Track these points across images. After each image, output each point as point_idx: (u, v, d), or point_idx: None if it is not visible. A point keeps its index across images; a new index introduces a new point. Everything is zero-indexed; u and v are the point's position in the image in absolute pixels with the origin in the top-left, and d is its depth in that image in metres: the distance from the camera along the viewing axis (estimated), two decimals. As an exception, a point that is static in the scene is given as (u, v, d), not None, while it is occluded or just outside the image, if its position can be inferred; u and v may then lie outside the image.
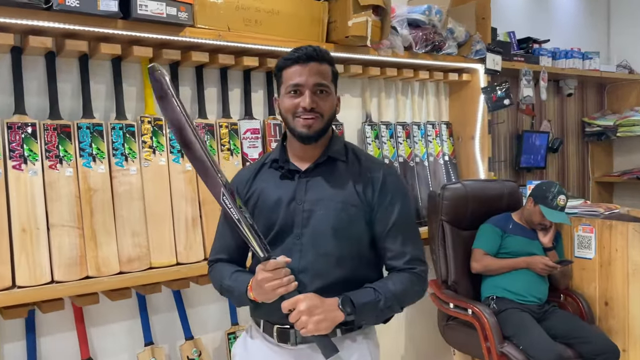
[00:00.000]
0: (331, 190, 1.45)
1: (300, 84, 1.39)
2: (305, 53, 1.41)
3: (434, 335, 3.18)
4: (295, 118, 1.41)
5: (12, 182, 1.89)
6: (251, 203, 1.50)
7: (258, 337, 1.54)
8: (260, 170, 1.55)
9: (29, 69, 2.01)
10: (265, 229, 1.45)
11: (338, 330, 1.43)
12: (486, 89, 3.17)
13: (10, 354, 1.99)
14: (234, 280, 1.47)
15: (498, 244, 2.71)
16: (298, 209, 1.44)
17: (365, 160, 1.52)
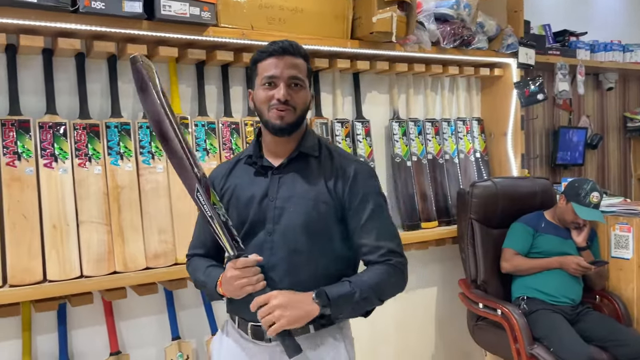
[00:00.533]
0: (303, 186, 1.45)
1: (275, 75, 1.40)
2: (281, 46, 1.41)
3: (465, 335, 3.12)
4: (269, 110, 1.41)
5: (43, 180, 1.96)
6: (226, 198, 1.51)
7: (233, 334, 1.53)
8: (235, 166, 1.55)
9: (59, 70, 2.08)
10: (238, 225, 1.46)
11: (311, 327, 1.41)
12: (519, 83, 3.08)
13: (43, 345, 2.07)
14: (207, 275, 1.48)
15: (529, 243, 2.64)
16: (270, 206, 1.44)
17: (338, 156, 1.51)
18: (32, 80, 2.04)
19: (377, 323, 2.92)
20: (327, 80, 2.73)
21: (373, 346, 2.91)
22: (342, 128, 2.69)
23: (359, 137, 2.73)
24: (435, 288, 3.16)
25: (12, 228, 1.88)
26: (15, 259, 1.87)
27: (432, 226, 2.89)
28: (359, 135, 2.73)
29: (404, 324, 3.02)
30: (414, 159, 2.90)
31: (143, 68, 1.38)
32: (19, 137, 1.93)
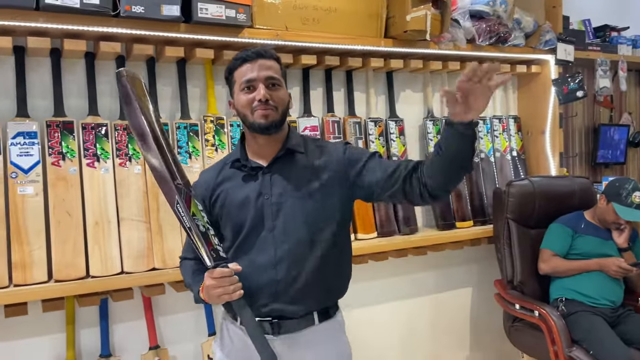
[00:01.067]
0: (295, 181, 1.50)
1: (252, 78, 1.45)
2: (253, 52, 1.47)
3: (501, 337, 3.08)
4: (253, 112, 1.45)
5: (86, 179, 2.03)
6: (219, 204, 1.54)
7: (236, 331, 1.56)
8: (222, 171, 1.58)
9: (101, 73, 2.15)
10: (237, 227, 1.50)
11: (316, 318, 1.49)
12: (557, 80, 3.02)
13: (86, 339, 2.14)
14: (192, 279, 1.54)
15: (568, 244, 2.58)
16: (267, 203, 1.48)
17: (325, 144, 1.60)
18: (75, 83, 2.12)
19: (412, 323, 2.91)
20: (360, 80, 2.73)
21: (407, 346, 2.90)
22: (375, 127, 2.69)
23: (392, 136, 2.72)
24: (470, 289, 3.12)
25: (57, 225, 1.95)
26: (60, 255, 1.94)
27: (467, 226, 2.86)
28: (392, 134, 2.73)
29: (438, 325, 3.00)
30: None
31: (128, 82, 1.43)
32: (64, 138, 2.01)
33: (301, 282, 1.47)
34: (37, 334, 2.06)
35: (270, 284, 1.47)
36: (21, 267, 1.88)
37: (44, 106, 2.06)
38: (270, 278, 1.47)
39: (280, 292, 1.47)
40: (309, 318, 1.50)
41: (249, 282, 1.46)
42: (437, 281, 3.00)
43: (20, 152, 1.95)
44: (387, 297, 2.85)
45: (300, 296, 1.48)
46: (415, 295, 2.93)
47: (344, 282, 1.60)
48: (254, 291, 1.47)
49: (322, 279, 1.50)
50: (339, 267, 1.57)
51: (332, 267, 1.53)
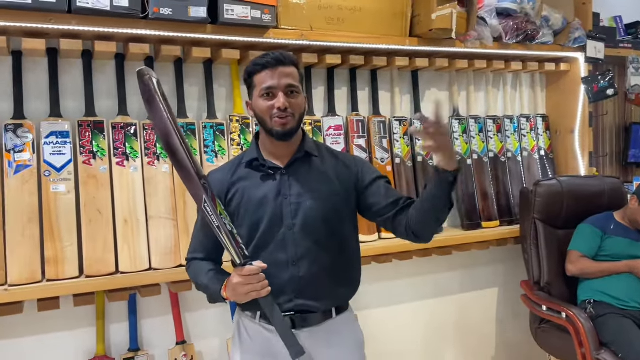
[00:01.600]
0: (314, 182, 1.55)
1: (273, 86, 1.47)
2: (274, 58, 1.48)
3: (527, 338, 3.04)
4: (272, 119, 1.49)
5: (116, 177, 2.08)
6: (235, 203, 1.55)
7: (254, 328, 1.58)
8: (237, 170, 1.59)
9: (130, 73, 2.20)
10: (254, 225, 1.53)
11: (334, 312, 1.56)
12: (587, 78, 2.96)
13: (116, 333, 2.20)
14: (209, 279, 1.54)
15: (597, 245, 2.54)
16: (285, 203, 1.52)
17: (339, 154, 1.67)
18: (105, 84, 2.17)
19: (436, 322, 2.90)
20: (385, 79, 2.73)
21: (431, 346, 2.89)
22: (400, 126, 2.69)
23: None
24: (496, 289, 3.09)
25: (88, 223, 2.01)
26: (91, 251, 1.99)
27: (493, 226, 2.83)
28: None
29: (463, 325, 2.98)
30: (475, 157, 2.86)
31: (150, 82, 1.45)
32: (94, 137, 2.06)
33: (322, 279, 1.53)
34: (68, 328, 2.12)
35: (292, 280, 1.51)
36: (54, 262, 1.94)
37: (76, 106, 2.12)
38: (292, 275, 1.51)
39: (303, 288, 1.52)
40: (328, 312, 1.57)
41: (270, 278, 1.48)
42: (462, 281, 2.98)
43: (53, 151, 2.01)
44: (410, 296, 2.84)
45: (322, 293, 1.54)
46: (439, 295, 2.92)
47: (356, 282, 1.66)
48: (276, 287, 1.49)
49: (339, 277, 1.58)
50: (352, 268, 1.64)
51: (347, 267, 1.61)
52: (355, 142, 2.55)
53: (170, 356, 2.22)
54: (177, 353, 2.23)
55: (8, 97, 2.01)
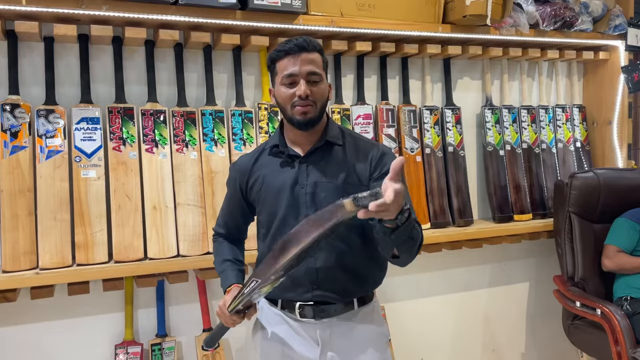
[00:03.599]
0: (331, 172, 1.50)
1: (294, 73, 1.43)
2: (296, 44, 1.44)
3: (559, 335, 2.96)
4: (292, 107, 1.45)
5: (145, 164, 2.09)
6: (256, 189, 1.56)
7: (274, 317, 1.58)
8: (259, 157, 1.58)
9: (159, 60, 2.20)
10: (272, 214, 1.52)
11: (355, 304, 1.53)
12: (627, 67, 2.85)
13: (144, 318, 2.21)
14: (221, 272, 1.63)
15: (635, 240, 2.44)
16: (301, 192, 1.49)
17: (362, 142, 1.58)
18: (135, 70, 2.18)
19: (465, 316, 2.85)
20: (416, 67, 2.67)
21: (459, 339, 2.84)
22: (430, 115, 2.63)
23: (448, 124, 2.65)
24: (527, 283, 3.02)
25: (117, 209, 2.02)
26: (120, 237, 2.01)
27: (526, 219, 2.75)
28: (448, 122, 2.66)
29: (493, 319, 2.92)
30: (508, 148, 2.78)
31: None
32: (124, 124, 2.07)
33: (339, 271, 1.49)
34: (97, 313, 2.14)
35: (309, 271, 1.49)
36: (84, 247, 1.96)
37: (106, 93, 2.13)
38: (309, 266, 1.48)
39: (321, 279, 1.49)
40: (349, 303, 1.53)
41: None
42: (492, 274, 2.92)
43: (83, 137, 2.02)
44: (440, 289, 2.79)
45: (340, 284, 1.51)
46: (469, 289, 2.86)
47: (378, 273, 1.60)
48: (295, 276, 1.47)
49: (358, 269, 1.53)
50: (372, 260, 1.56)
51: (366, 259, 1.54)
52: (385, 132, 2.51)
53: (198, 343, 2.23)
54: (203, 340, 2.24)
55: (40, 83, 2.03)
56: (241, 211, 1.64)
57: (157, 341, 2.18)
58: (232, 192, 1.63)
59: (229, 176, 1.66)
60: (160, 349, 2.18)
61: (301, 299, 1.50)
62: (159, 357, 2.18)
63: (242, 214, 1.64)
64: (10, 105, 1.94)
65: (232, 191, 1.63)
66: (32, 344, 2.06)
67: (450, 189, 2.63)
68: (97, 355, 2.14)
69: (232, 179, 1.63)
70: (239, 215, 1.65)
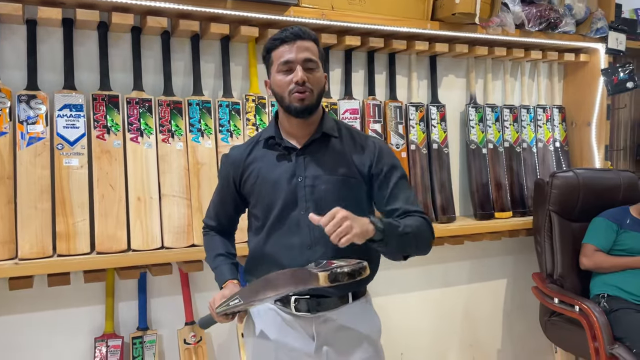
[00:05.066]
0: (330, 165, 1.49)
1: (290, 60, 1.42)
2: (292, 32, 1.43)
3: (534, 331, 3.02)
4: (290, 95, 1.43)
5: (129, 154, 2.04)
6: (250, 183, 1.53)
7: (267, 311, 1.56)
8: (253, 149, 1.56)
9: (146, 47, 2.15)
10: (268, 207, 1.50)
11: (350, 298, 1.53)
12: (607, 70, 2.91)
13: (124, 311, 2.17)
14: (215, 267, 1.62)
15: (612, 240, 2.51)
16: (300, 185, 1.48)
17: (357, 135, 1.58)
18: (120, 57, 2.12)
19: (444, 311, 2.88)
20: (403, 63, 2.68)
21: (439, 334, 2.87)
22: (416, 112, 2.64)
23: (433, 121, 2.67)
24: (505, 280, 3.07)
25: (100, 199, 1.97)
26: (103, 227, 1.96)
27: (506, 216, 2.80)
28: (433, 119, 2.67)
29: (471, 314, 2.96)
30: (490, 147, 2.82)
31: None
32: (109, 112, 2.02)
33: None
34: (78, 305, 2.09)
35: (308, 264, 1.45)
36: (65, 237, 1.91)
37: (90, 80, 2.07)
38: (307, 259, 1.45)
39: None
40: (344, 297, 1.53)
41: (285, 261, 1.47)
42: (471, 271, 2.96)
43: (66, 124, 1.97)
44: (421, 284, 2.82)
45: None
46: (449, 284, 2.90)
47: (373, 267, 1.58)
48: None
49: None
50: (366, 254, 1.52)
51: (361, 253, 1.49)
52: (371, 127, 2.51)
53: (180, 336, 2.20)
54: (186, 334, 2.21)
55: (21, 67, 1.96)
56: (233, 203, 1.61)
57: (139, 334, 2.14)
58: (225, 184, 1.60)
59: (221, 168, 1.63)
60: (142, 342, 2.14)
61: (298, 292, 1.47)
62: (140, 351, 2.14)
63: (235, 206, 1.62)
64: (-10, 90, 1.87)
65: (225, 183, 1.60)
66: (9, 336, 2.00)
67: (434, 186, 2.64)
68: (76, 349, 2.09)
69: (224, 171, 1.60)
70: (231, 207, 1.62)
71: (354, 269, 1.22)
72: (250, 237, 1.59)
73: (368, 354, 1.53)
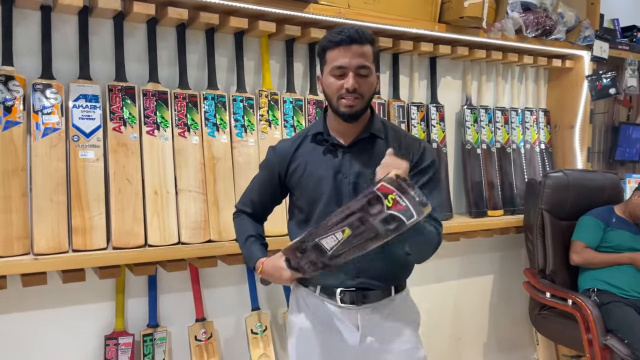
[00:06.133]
0: (374, 164, 1.47)
1: (343, 66, 1.43)
2: (348, 35, 1.43)
3: (518, 324, 3.16)
4: (339, 99, 1.45)
5: (146, 147, 1.99)
6: (296, 176, 1.55)
7: (314, 302, 1.58)
8: (302, 143, 1.58)
9: (161, 39, 2.10)
10: (313, 202, 1.52)
11: (392, 291, 1.57)
12: (591, 76, 3.07)
13: (134, 308, 2.12)
14: (247, 249, 1.59)
15: (600, 237, 2.65)
16: (344, 182, 1.50)
17: (404, 137, 1.60)
18: (136, 49, 2.07)
19: (437, 306, 2.96)
20: (405, 63, 2.73)
21: (430, 328, 2.94)
22: (417, 112, 2.70)
23: (433, 121, 2.74)
24: (492, 276, 3.18)
25: (117, 192, 1.92)
26: (120, 222, 1.91)
27: (498, 214, 2.90)
28: (433, 119, 2.74)
29: (460, 309, 3.05)
30: (484, 147, 2.91)
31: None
32: (125, 103, 1.96)
33: (381, 260, 1.52)
34: (89, 302, 2.03)
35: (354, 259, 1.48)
36: (82, 232, 1.85)
37: (105, 70, 2.01)
38: None
39: (364, 267, 1.51)
40: (387, 290, 1.57)
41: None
42: (462, 267, 3.05)
43: (82, 115, 1.90)
44: (415, 280, 2.85)
45: (381, 272, 1.54)
46: (441, 280, 2.98)
47: (411, 262, 1.65)
48: None
49: (397, 258, 1.55)
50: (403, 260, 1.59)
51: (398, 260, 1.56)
52: (377, 125, 2.55)
53: (190, 333, 2.17)
54: (196, 330, 2.18)
55: (35, 55, 1.88)
56: (272, 195, 1.63)
57: (149, 331, 2.10)
58: (268, 175, 1.61)
59: (267, 159, 1.63)
60: (152, 339, 2.10)
61: (343, 285, 1.51)
62: (150, 348, 2.10)
63: (272, 197, 1.64)
64: (4, 77, 1.78)
65: (268, 175, 1.61)
66: (20, 333, 1.92)
67: (434, 184, 2.71)
68: (86, 347, 2.03)
69: (270, 163, 1.61)
70: (269, 198, 1.64)
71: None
72: (293, 228, 1.60)
73: (410, 345, 1.58)
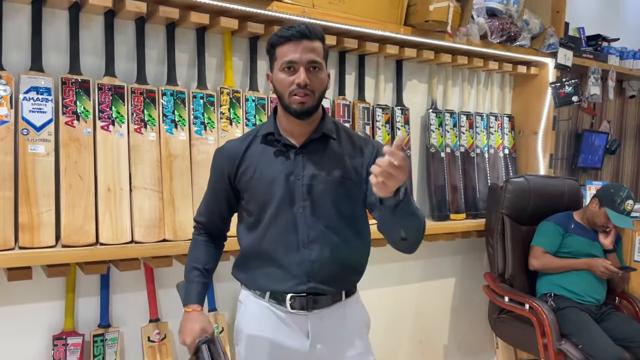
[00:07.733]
0: (328, 165, 1.49)
1: (294, 60, 1.41)
2: (298, 31, 1.41)
3: (478, 327, 3.19)
4: (291, 96, 1.42)
5: (99, 142, 1.94)
6: (246, 177, 1.52)
7: (261, 308, 1.55)
8: (251, 143, 1.54)
9: (119, 32, 2.05)
10: (264, 204, 1.49)
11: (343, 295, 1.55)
12: (555, 84, 3.11)
13: (85, 307, 2.06)
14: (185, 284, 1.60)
15: (559, 242, 2.69)
16: (298, 183, 1.48)
17: (357, 137, 1.59)
18: (92, 41, 2.02)
19: (398, 308, 2.96)
20: (372, 65, 2.73)
21: (391, 330, 2.96)
22: (382, 114, 2.70)
23: (397, 124, 2.74)
24: (453, 279, 3.20)
25: (68, 189, 1.86)
26: (70, 219, 1.86)
27: (461, 218, 2.92)
28: (398, 122, 2.74)
29: (422, 312, 3.07)
30: (448, 151, 2.93)
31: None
32: (79, 97, 1.91)
33: (333, 264, 1.50)
34: (35, 301, 1.96)
35: (303, 263, 1.48)
36: (29, 229, 1.79)
37: (59, 62, 1.95)
38: (303, 257, 1.48)
39: (315, 271, 1.49)
40: (338, 295, 1.55)
41: (280, 258, 1.48)
42: (424, 270, 3.06)
43: (32, 108, 1.84)
44: (378, 282, 2.88)
45: (333, 277, 1.51)
46: (404, 282, 2.98)
47: (364, 266, 1.64)
48: (287, 268, 1.48)
49: (349, 262, 1.55)
50: (362, 253, 1.61)
51: (357, 252, 1.58)
52: (341, 126, 2.53)
53: (143, 334, 2.12)
54: (150, 331, 2.13)
55: (-17, 44, 1.82)
56: (226, 198, 1.57)
57: (100, 332, 2.05)
58: (218, 178, 1.56)
59: (215, 161, 1.58)
60: (103, 340, 2.05)
61: (294, 290, 1.48)
62: (101, 349, 2.04)
63: (227, 201, 1.58)
64: (-51, 66, 1.72)
65: (218, 177, 1.56)
66: (-43, 334, 1.85)
67: (397, 187, 2.71)
68: (32, 348, 1.96)
69: (218, 165, 1.56)
70: (224, 202, 1.58)
71: None
72: (242, 232, 1.56)
73: (360, 350, 1.56)
